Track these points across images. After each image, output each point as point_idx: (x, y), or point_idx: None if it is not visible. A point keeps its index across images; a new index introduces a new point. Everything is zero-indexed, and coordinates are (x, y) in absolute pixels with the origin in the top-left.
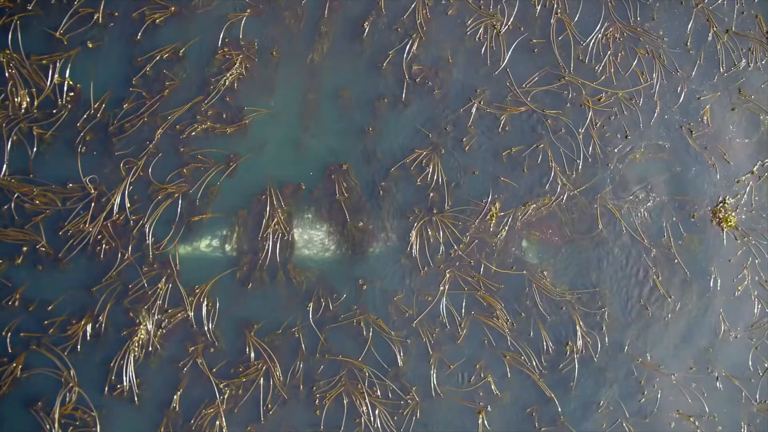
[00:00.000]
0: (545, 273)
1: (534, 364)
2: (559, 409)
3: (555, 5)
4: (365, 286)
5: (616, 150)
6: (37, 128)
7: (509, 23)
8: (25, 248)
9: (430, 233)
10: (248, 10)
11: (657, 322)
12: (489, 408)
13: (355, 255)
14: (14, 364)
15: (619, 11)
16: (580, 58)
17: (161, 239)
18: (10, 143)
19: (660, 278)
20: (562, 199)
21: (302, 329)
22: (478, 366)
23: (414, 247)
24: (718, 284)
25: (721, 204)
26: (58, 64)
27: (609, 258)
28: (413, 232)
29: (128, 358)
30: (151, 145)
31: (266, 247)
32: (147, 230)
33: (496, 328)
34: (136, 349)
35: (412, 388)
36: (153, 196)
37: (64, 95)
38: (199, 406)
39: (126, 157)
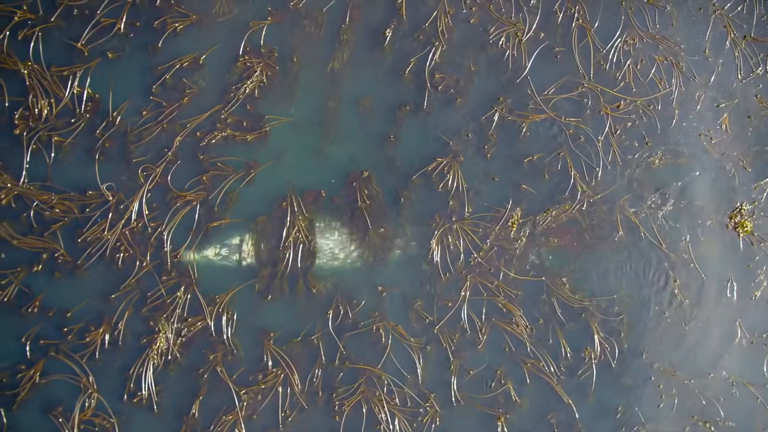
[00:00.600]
0: (564, 279)
1: (553, 370)
2: (577, 416)
3: (576, 13)
4: (385, 293)
5: (635, 156)
6: (56, 137)
7: (531, 31)
8: (44, 255)
9: (450, 240)
10: (269, 18)
11: (675, 328)
12: (508, 415)
13: (376, 262)
14: (33, 371)
15: (638, 18)
16: (602, 63)
17: (179, 247)
18: (29, 152)
19: (678, 284)
20: (582, 205)
21: (321, 337)
22: (498, 372)
23: (435, 253)
24: (735, 290)
25: (737, 209)
26: (78, 75)
27: (628, 264)
28: (434, 240)
29: (147, 365)
30: (169, 153)
31: (287, 256)
32: (165, 238)
33: (515, 334)
34: (156, 356)
35: (432, 395)
36: (171, 204)
37: (84, 105)
38: (218, 413)
39: (144, 164)
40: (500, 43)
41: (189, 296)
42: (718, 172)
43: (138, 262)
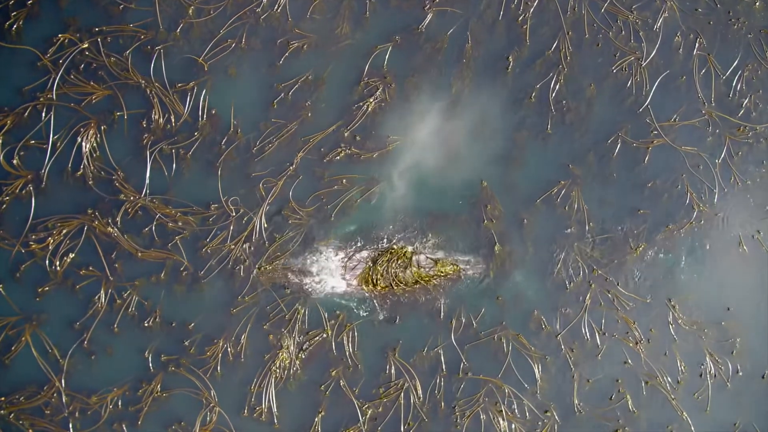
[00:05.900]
0: (680, 296)
1: (669, 384)
2: (693, 429)
3: (696, 41)
4: (507, 305)
5: (756, 178)
6: (177, 151)
7: (651, 58)
8: (166, 266)
9: (571, 258)
10: (393, 41)
11: None
12: (627, 427)
13: (500, 277)
14: (153, 384)
15: (756, 46)
16: (722, 87)
17: (299, 261)
18: (149, 167)
19: None
20: (699, 224)
21: (444, 348)
22: (616, 384)
23: (558, 270)
24: None
25: None
26: (198, 90)
27: (746, 281)
28: (557, 257)
29: (269, 379)
30: (291, 168)
31: (410, 272)
32: (286, 251)
33: (632, 347)
34: (277, 370)
35: (551, 405)
36: (290, 218)
37: (204, 119)
38: (339, 427)
39: (264, 177)
40: (622, 69)
41: (307, 309)
42: None
43: (256, 276)
